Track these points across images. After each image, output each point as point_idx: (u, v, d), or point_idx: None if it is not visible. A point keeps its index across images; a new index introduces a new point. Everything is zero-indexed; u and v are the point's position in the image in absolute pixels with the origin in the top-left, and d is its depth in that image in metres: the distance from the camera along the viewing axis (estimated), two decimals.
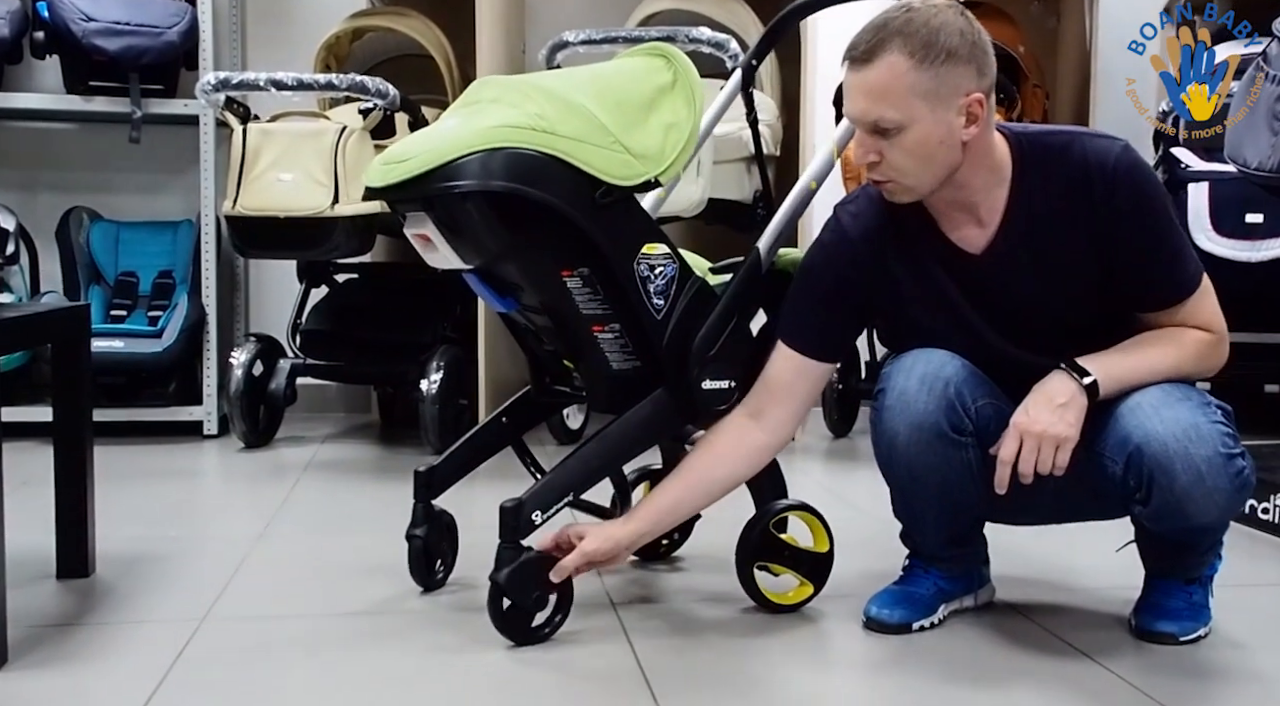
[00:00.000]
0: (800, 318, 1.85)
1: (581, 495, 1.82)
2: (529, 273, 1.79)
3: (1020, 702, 1.56)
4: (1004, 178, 1.72)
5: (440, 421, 3.25)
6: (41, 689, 1.57)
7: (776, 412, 1.84)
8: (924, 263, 1.77)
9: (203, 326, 3.58)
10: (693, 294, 1.83)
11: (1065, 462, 1.64)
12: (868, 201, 1.81)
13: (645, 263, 1.79)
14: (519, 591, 1.73)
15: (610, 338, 1.82)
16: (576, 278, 1.77)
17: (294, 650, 1.74)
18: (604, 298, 1.79)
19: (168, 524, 2.52)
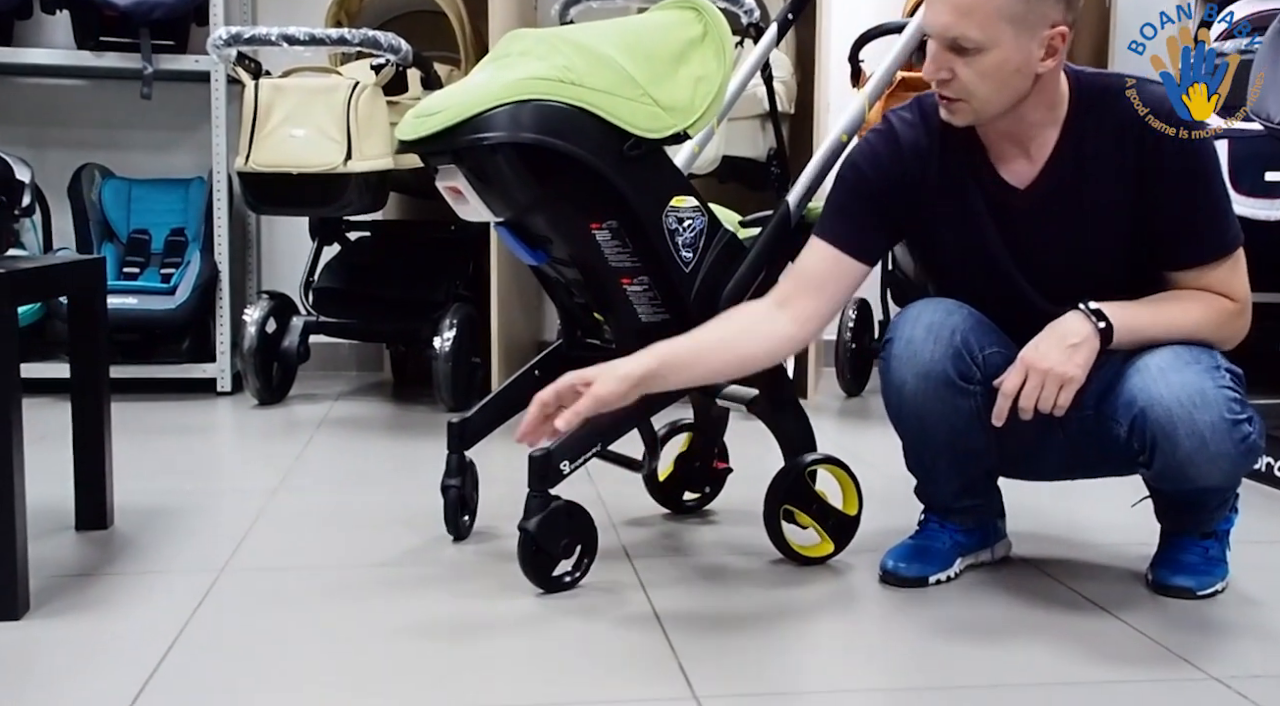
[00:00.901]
0: (838, 213, 1.79)
1: (610, 445, 1.81)
2: (558, 225, 1.79)
3: (1038, 656, 1.56)
4: (1059, 116, 1.71)
5: (453, 379, 3.25)
6: (63, 636, 1.58)
7: (804, 304, 1.76)
8: (966, 188, 1.75)
9: (215, 284, 3.58)
10: (721, 247, 1.83)
11: (1067, 403, 1.63)
12: (921, 114, 1.79)
13: (674, 215, 1.79)
14: (548, 539, 1.74)
15: (639, 290, 1.82)
16: (605, 230, 1.77)
17: (317, 599, 1.74)
18: (632, 250, 1.79)
19: (184, 478, 2.53)
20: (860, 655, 1.58)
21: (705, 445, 2.20)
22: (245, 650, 1.55)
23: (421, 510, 2.22)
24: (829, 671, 1.52)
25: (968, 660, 1.54)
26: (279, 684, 1.44)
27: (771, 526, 1.89)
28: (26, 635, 1.59)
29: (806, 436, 1.94)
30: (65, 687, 1.42)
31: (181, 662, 1.50)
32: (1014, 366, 1.66)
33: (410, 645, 1.57)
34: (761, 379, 1.93)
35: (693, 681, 1.45)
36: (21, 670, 1.47)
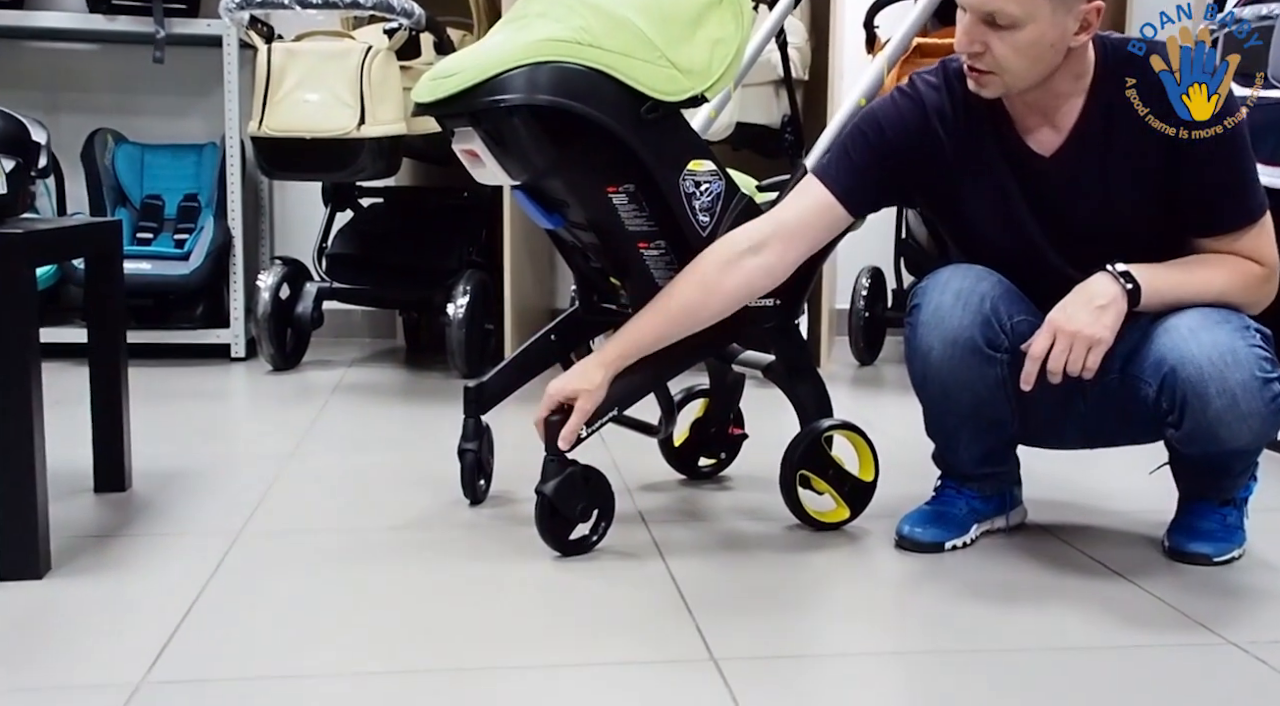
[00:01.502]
0: (846, 160, 1.78)
1: (626, 410, 1.81)
2: (575, 188, 1.79)
3: (1055, 620, 1.56)
4: (1085, 84, 1.70)
5: (467, 346, 3.25)
6: (85, 596, 1.59)
7: (780, 249, 1.76)
8: (990, 156, 1.74)
9: (229, 249, 3.58)
10: (739, 211, 1.82)
11: (1095, 365, 1.63)
12: (946, 79, 1.77)
13: (691, 179, 1.78)
14: (564, 503, 1.75)
15: (656, 254, 1.81)
16: (622, 194, 1.76)
17: (334, 562, 1.75)
18: (649, 214, 1.78)
19: (200, 442, 2.53)
20: (877, 619, 1.58)
21: (721, 411, 2.20)
22: (264, 611, 1.56)
23: (437, 474, 2.23)
24: (846, 635, 1.52)
25: (984, 624, 1.54)
26: (297, 644, 1.44)
27: (787, 491, 1.89)
28: (48, 594, 1.60)
29: (822, 402, 1.94)
30: (89, 646, 1.43)
31: (202, 622, 1.51)
32: (1042, 329, 1.65)
33: (427, 607, 1.58)
34: (778, 344, 1.93)
35: (710, 643, 1.46)
36: (45, 628, 1.48)
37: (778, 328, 1.89)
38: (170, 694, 1.30)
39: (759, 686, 1.34)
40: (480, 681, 1.34)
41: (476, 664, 1.39)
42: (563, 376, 1.78)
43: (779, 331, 1.90)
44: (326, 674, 1.36)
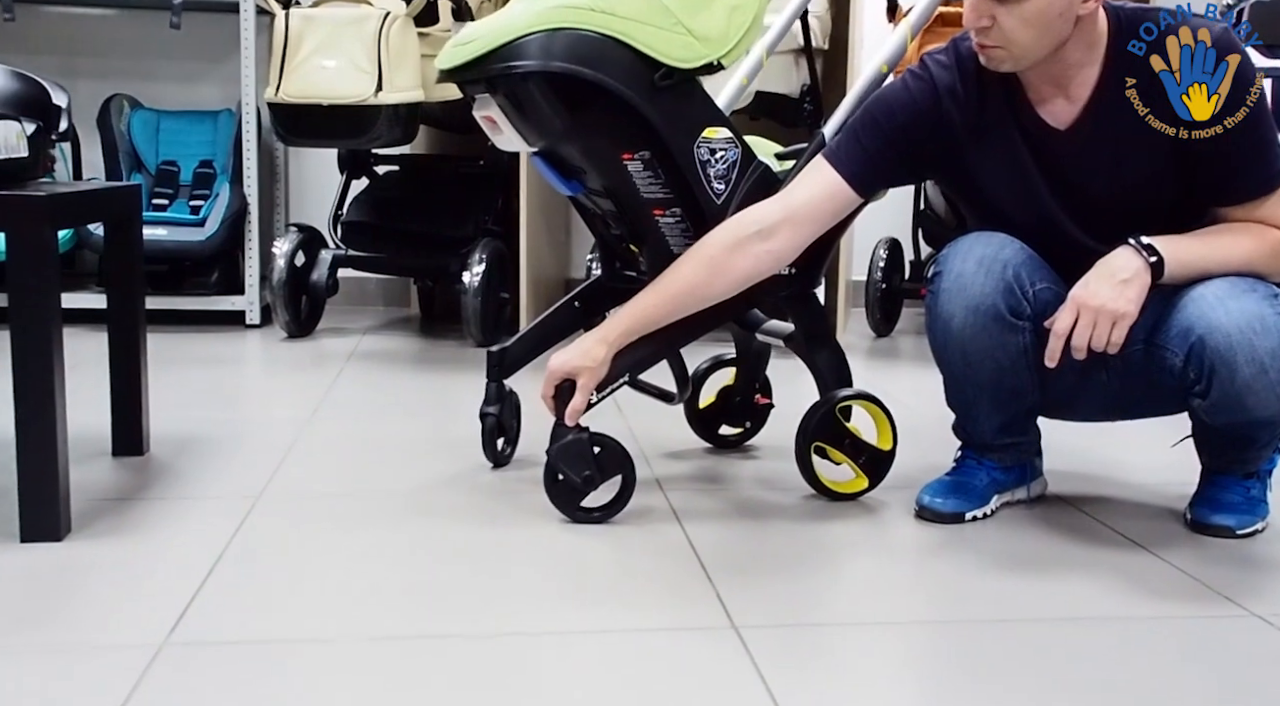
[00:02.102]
0: (855, 145, 1.76)
1: (639, 375, 1.81)
2: (590, 155, 1.78)
3: (1076, 590, 1.56)
4: (1099, 54, 1.68)
5: (482, 314, 3.24)
6: (105, 558, 1.59)
7: (789, 235, 1.75)
8: (1005, 131, 1.73)
9: (244, 216, 3.57)
10: (755, 179, 1.81)
11: (1120, 340, 1.61)
12: (958, 58, 1.76)
13: (706, 146, 1.77)
14: (569, 467, 1.74)
15: (671, 222, 1.80)
16: (637, 161, 1.75)
17: (353, 525, 1.75)
18: (664, 181, 1.77)
19: (217, 407, 2.54)
20: (897, 588, 1.58)
21: (747, 379, 2.19)
22: (284, 573, 1.56)
23: (457, 439, 2.23)
24: (867, 604, 1.52)
25: (1006, 594, 1.54)
26: (317, 606, 1.45)
27: (803, 461, 1.89)
28: (69, 556, 1.60)
29: (841, 371, 1.93)
30: (111, 606, 1.43)
31: (223, 584, 1.51)
32: (1065, 306, 1.64)
33: (446, 571, 1.58)
34: (796, 313, 1.92)
35: (730, 611, 1.46)
36: (67, 589, 1.48)
37: (795, 296, 1.88)
38: (193, 654, 1.30)
39: (780, 653, 1.34)
40: (497, 647, 1.34)
41: (493, 629, 1.39)
42: (564, 352, 1.77)
43: (797, 300, 1.89)
44: (346, 636, 1.36)
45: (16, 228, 1.58)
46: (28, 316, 1.60)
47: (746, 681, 1.27)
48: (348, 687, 1.23)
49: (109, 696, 1.19)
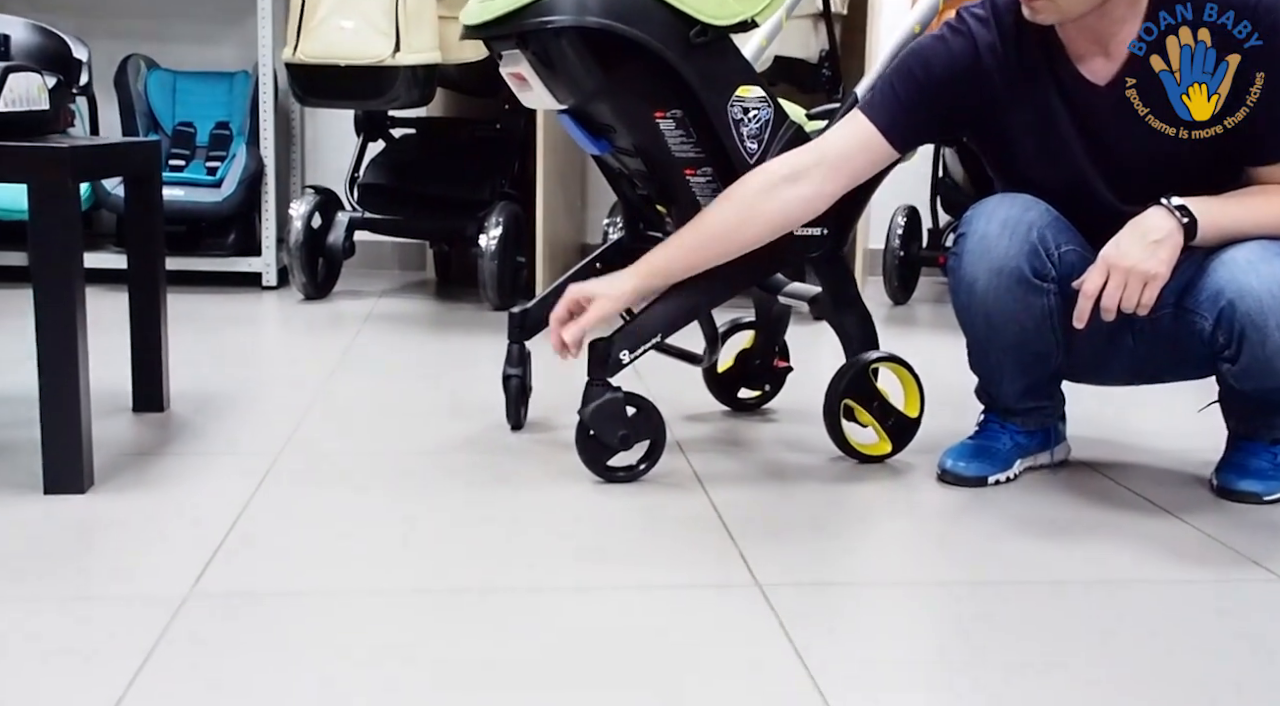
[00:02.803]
0: (891, 96, 1.74)
1: (670, 336, 1.80)
2: (622, 113, 1.76)
3: (1101, 553, 1.55)
4: (1140, 9, 1.65)
5: (499, 278, 3.24)
6: (129, 511, 1.59)
7: (820, 178, 1.73)
8: (1041, 88, 1.71)
9: (261, 177, 3.56)
10: (787, 138, 1.79)
11: (1150, 302, 1.60)
12: (995, 12, 1.73)
13: (739, 105, 1.75)
14: (604, 428, 1.74)
15: (702, 181, 1.79)
16: (669, 119, 1.74)
17: (376, 482, 1.75)
18: (696, 140, 1.76)
19: (235, 367, 2.53)
20: (922, 549, 1.57)
21: (767, 342, 2.18)
22: (306, 528, 1.55)
23: (476, 401, 2.22)
24: (890, 564, 1.51)
25: (1031, 556, 1.53)
26: (341, 560, 1.44)
27: (831, 420, 1.88)
28: (92, 509, 1.60)
29: (868, 334, 1.91)
30: (135, 559, 1.43)
31: (246, 538, 1.51)
32: (1094, 266, 1.62)
33: (469, 527, 1.58)
34: (824, 275, 1.91)
35: (754, 569, 1.45)
36: (91, 541, 1.48)
37: (824, 257, 1.87)
38: (218, 605, 1.30)
39: (804, 610, 1.33)
40: (518, 601, 1.34)
41: (517, 584, 1.39)
42: (590, 280, 1.76)
43: (825, 261, 1.88)
44: (371, 589, 1.36)
45: (39, 179, 1.57)
46: (50, 269, 1.59)
47: (771, 637, 1.26)
48: (373, 638, 1.23)
49: (135, 645, 1.19)
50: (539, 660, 1.19)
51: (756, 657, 1.21)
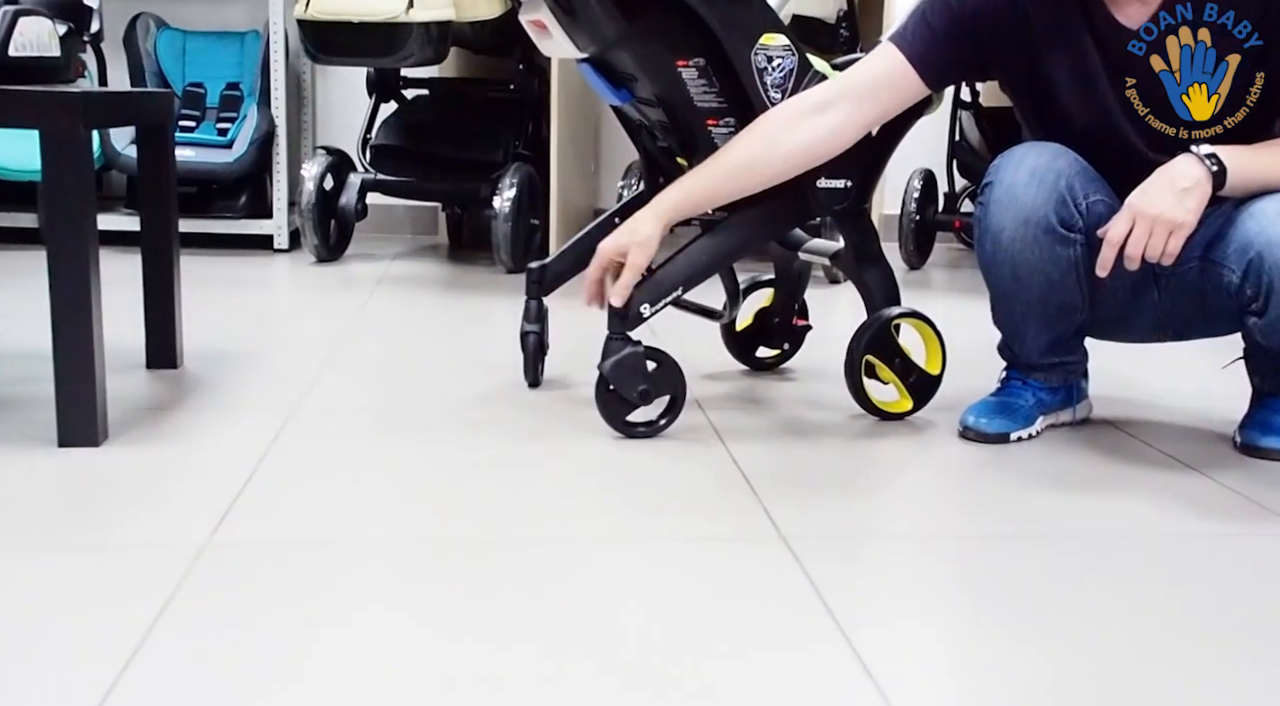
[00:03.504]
0: (924, 29, 1.70)
1: (690, 290, 1.77)
2: (643, 62, 1.73)
3: (1126, 508, 1.53)
4: None
5: (513, 239, 3.21)
6: (144, 463, 1.58)
7: (847, 110, 1.69)
8: (1075, 31, 1.67)
9: (272, 139, 3.54)
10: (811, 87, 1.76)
11: (1176, 251, 1.57)
12: None
13: (763, 53, 1.72)
14: (623, 382, 1.72)
15: (725, 133, 1.76)
16: (692, 68, 1.71)
17: (395, 435, 1.73)
18: (719, 90, 1.73)
19: (248, 326, 2.52)
20: (943, 503, 1.55)
21: (786, 300, 2.16)
22: (324, 479, 1.54)
23: (493, 358, 2.21)
24: (914, 518, 1.49)
25: (1056, 511, 1.51)
26: (361, 509, 1.43)
27: (852, 376, 1.86)
28: (107, 461, 1.59)
29: (890, 290, 1.89)
30: (152, 508, 1.42)
31: (264, 487, 1.49)
32: (1120, 213, 1.59)
33: (489, 478, 1.56)
34: (847, 229, 1.88)
35: (777, 522, 1.44)
36: (107, 491, 1.47)
37: (848, 211, 1.84)
38: (238, 553, 1.28)
39: (829, 562, 1.32)
40: (541, 550, 1.33)
41: (537, 535, 1.38)
42: (614, 234, 1.73)
43: (849, 215, 1.85)
44: (391, 537, 1.34)
45: (51, 126, 1.55)
46: (63, 217, 1.57)
47: (797, 587, 1.25)
48: (391, 586, 1.21)
49: (155, 591, 1.18)
50: (559, 609, 1.17)
51: (783, 607, 1.20)
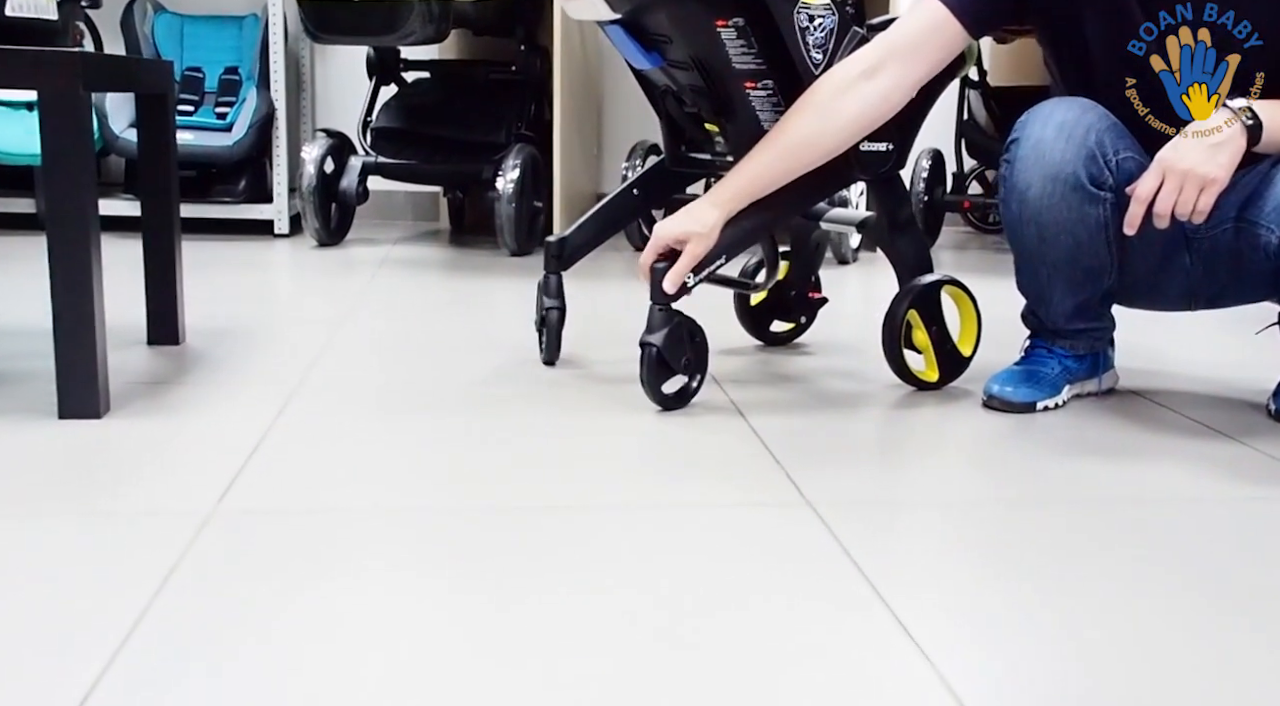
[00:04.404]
0: None
1: (733, 257, 1.71)
2: (680, 21, 1.67)
3: (1162, 473, 1.48)
4: None
5: (516, 222, 3.16)
6: (147, 435, 1.53)
7: (896, 70, 1.63)
8: None
9: (272, 121, 3.48)
10: (853, 47, 1.70)
11: (1207, 208, 1.52)
12: None
13: (805, 12, 1.66)
14: (672, 354, 1.67)
15: (763, 95, 1.70)
16: (731, 28, 1.65)
17: (407, 409, 1.68)
18: (758, 51, 1.67)
19: (250, 306, 2.47)
20: (972, 470, 1.50)
21: (803, 272, 2.11)
22: (336, 449, 1.49)
23: (502, 337, 2.16)
24: (942, 485, 1.44)
25: (1088, 477, 1.46)
26: (375, 479, 1.38)
27: (892, 329, 1.80)
28: (109, 433, 1.54)
29: (925, 259, 1.84)
30: (158, 478, 1.36)
31: (272, 457, 1.44)
32: (1150, 168, 1.54)
33: (506, 451, 1.51)
34: (881, 195, 1.83)
35: (802, 489, 1.39)
36: (112, 462, 1.42)
37: (885, 176, 1.79)
38: (246, 521, 1.23)
39: (859, 527, 1.27)
40: (559, 519, 1.28)
41: (556, 502, 1.33)
42: (672, 218, 1.67)
43: (885, 181, 1.80)
44: (407, 507, 1.29)
45: (51, 86, 1.50)
46: (62, 182, 1.52)
47: (830, 552, 1.20)
48: (411, 553, 1.16)
49: (159, 560, 1.13)
50: (589, 571, 1.13)
51: (815, 569, 1.15)
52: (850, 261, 3.23)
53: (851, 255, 3.25)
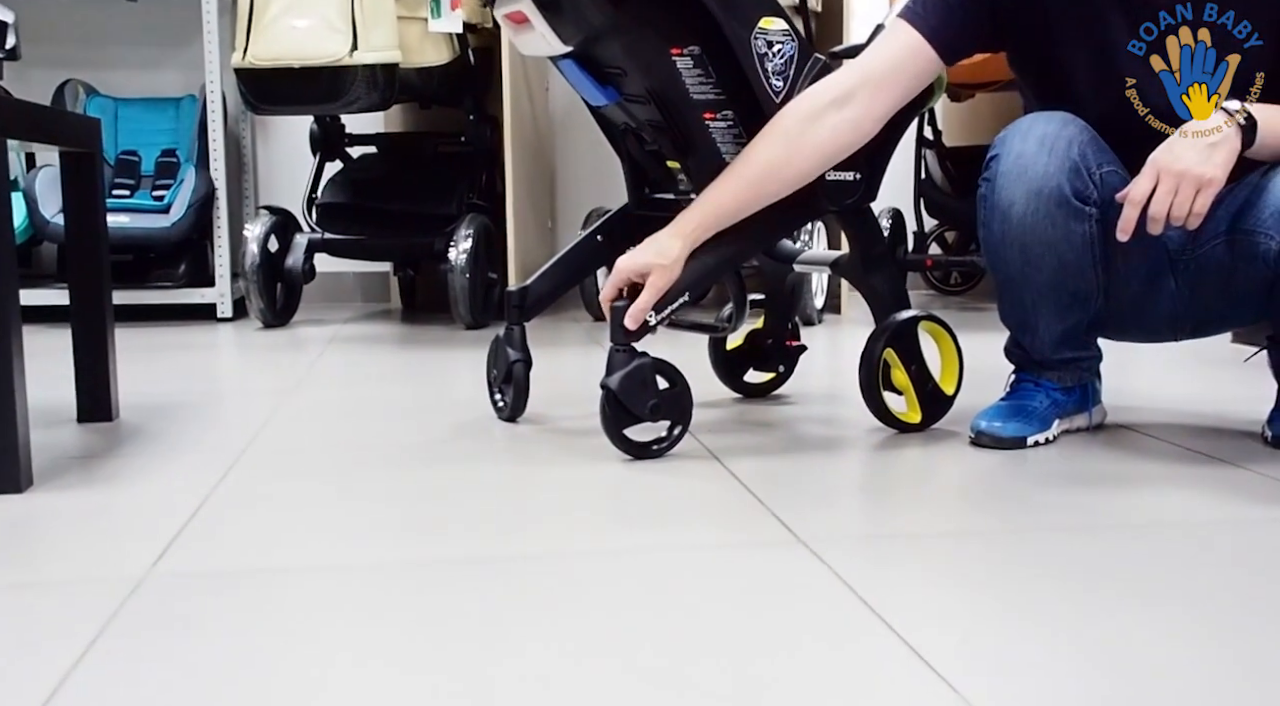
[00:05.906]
0: (941, 4, 1.61)
1: (696, 295, 1.62)
2: (634, 52, 1.59)
3: (1161, 499, 1.39)
4: None
5: (471, 292, 3.06)
6: (75, 506, 1.39)
7: (867, 99, 1.57)
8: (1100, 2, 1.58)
9: (211, 202, 3.38)
10: (814, 74, 1.63)
11: (1203, 210, 1.45)
12: None
13: (763, 38, 1.59)
14: (632, 397, 1.56)
15: (724, 127, 1.63)
16: (687, 57, 1.57)
17: (358, 468, 1.56)
18: (716, 80, 1.60)
19: (191, 382, 2.34)
20: (965, 503, 1.40)
21: (780, 319, 2.01)
22: (280, 511, 1.36)
23: (458, 398, 2.05)
24: (935, 517, 1.34)
25: (1089, 504, 1.37)
26: (321, 538, 1.25)
27: (869, 369, 1.72)
28: (34, 505, 1.40)
29: (901, 296, 1.75)
30: (85, 547, 1.23)
31: (211, 522, 1.31)
32: (1144, 170, 1.48)
33: (474, 503, 1.39)
34: (854, 228, 1.75)
35: (792, 528, 1.28)
36: (35, 534, 1.28)
37: (855, 208, 1.71)
38: (177, 585, 1.10)
39: (857, 562, 1.16)
40: (542, 567, 1.16)
41: (531, 550, 1.21)
42: (633, 251, 1.57)
43: (856, 215, 1.73)
44: (356, 565, 1.17)
45: None
46: None
47: (829, 584, 1.09)
48: (360, 611, 1.04)
49: (83, 627, 1.00)
50: (567, 619, 1.01)
51: (820, 604, 1.04)
52: (816, 323, 3.16)
53: (817, 316, 3.17)
